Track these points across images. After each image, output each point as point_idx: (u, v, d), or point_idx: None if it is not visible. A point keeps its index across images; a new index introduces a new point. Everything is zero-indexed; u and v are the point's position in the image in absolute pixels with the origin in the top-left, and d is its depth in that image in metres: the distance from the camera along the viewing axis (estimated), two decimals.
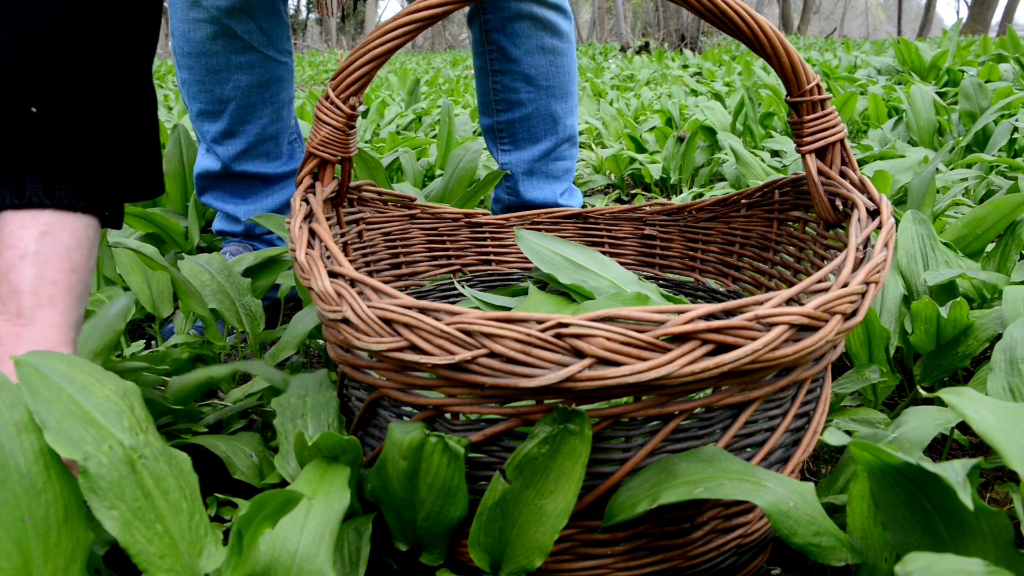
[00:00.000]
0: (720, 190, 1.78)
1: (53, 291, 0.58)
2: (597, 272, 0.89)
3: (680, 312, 0.46)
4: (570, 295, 0.89)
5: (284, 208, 1.34)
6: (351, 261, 0.89)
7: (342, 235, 0.87)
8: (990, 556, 0.42)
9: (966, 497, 0.39)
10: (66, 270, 0.59)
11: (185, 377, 0.73)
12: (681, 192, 2.04)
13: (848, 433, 0.66)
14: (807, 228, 0.80)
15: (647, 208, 1.00)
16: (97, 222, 0.63)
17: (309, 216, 0.66)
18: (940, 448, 0.82)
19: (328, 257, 0.60)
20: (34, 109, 0.58)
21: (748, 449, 0.55)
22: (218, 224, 1.35)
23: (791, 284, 0.82)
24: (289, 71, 1.29)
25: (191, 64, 1.20)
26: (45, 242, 0.58)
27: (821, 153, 0.70)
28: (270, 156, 1.30)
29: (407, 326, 0.48)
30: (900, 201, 1.40)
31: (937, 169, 1.58)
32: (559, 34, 1.32)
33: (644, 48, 10.52)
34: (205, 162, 1.30)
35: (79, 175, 0.61)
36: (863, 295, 0.52)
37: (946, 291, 0.92)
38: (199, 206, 1.41)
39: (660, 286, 0.99)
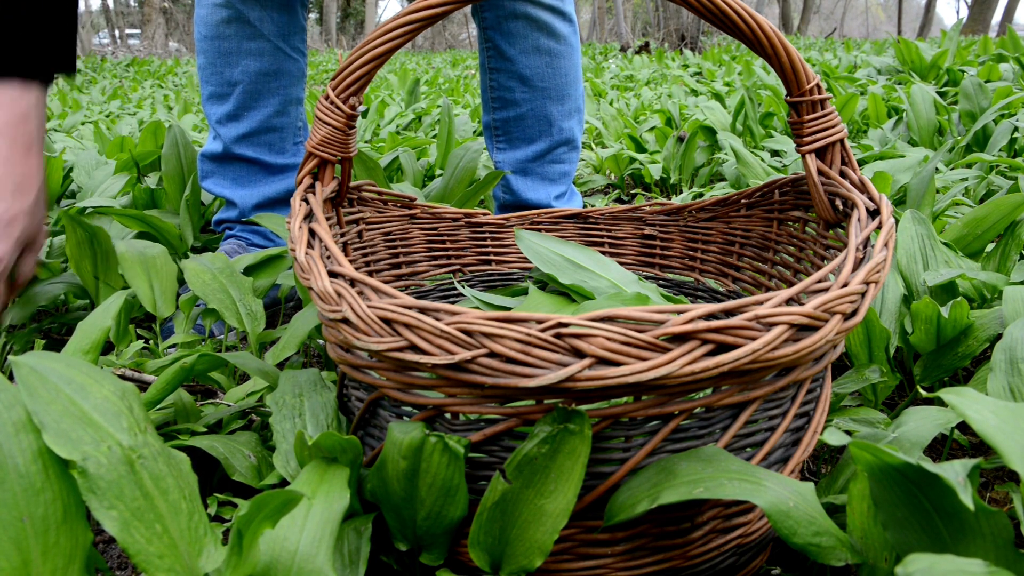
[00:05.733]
0: (720, 190, 1.78)
1: (42, 138, 0.90)
2: (597, 272, 0.89)
3: (680, 312, 0.46)
4: (570, 295, 0.89)
5: (284, 196, 1.35)
6: (351, 261, 0.89)
7: (342, 235, 0.87)
8: (990, 556, 0.42)
9: (966, 497, 0.39)
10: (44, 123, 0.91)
11: (165, 372, 0.73)
12: (681, 192, 2.04)
13: (848, 433, 0.66)
14: (807, 228, 0.80)
15: (647, 208, 1.00)
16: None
17: (309, 216, 0.66)
18: (940, 448, 0.82)
19: (328, 257, 0.60)
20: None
21: (748, 449, 0.55)
22: (218, 215, 1.37)
23: (791, 284, 0.82)
24: (300, 70, 1.33)
25: (206, 48, 1.28)
26: (38, 106, 0.89)
27: (821, 153, 0.70)
28: (272, 148, 1.32)
29: (407, 326, 0.48)
30: (900, 201, 1.40)
31: (937, 169, 1.58)
32: (556, 36, 1.32)
33: (644, 48, 10.52)
34: (209, 146, 1.34)
35: (47, 56, 0.90)
36: (863, 295, 0.52)
37: (946, 291, 0.92)
38: (194, 207, 1.42)
39: (660, 286, 0.99)
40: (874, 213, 0.62)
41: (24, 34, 0.86)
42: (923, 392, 0.77)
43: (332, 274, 0.57)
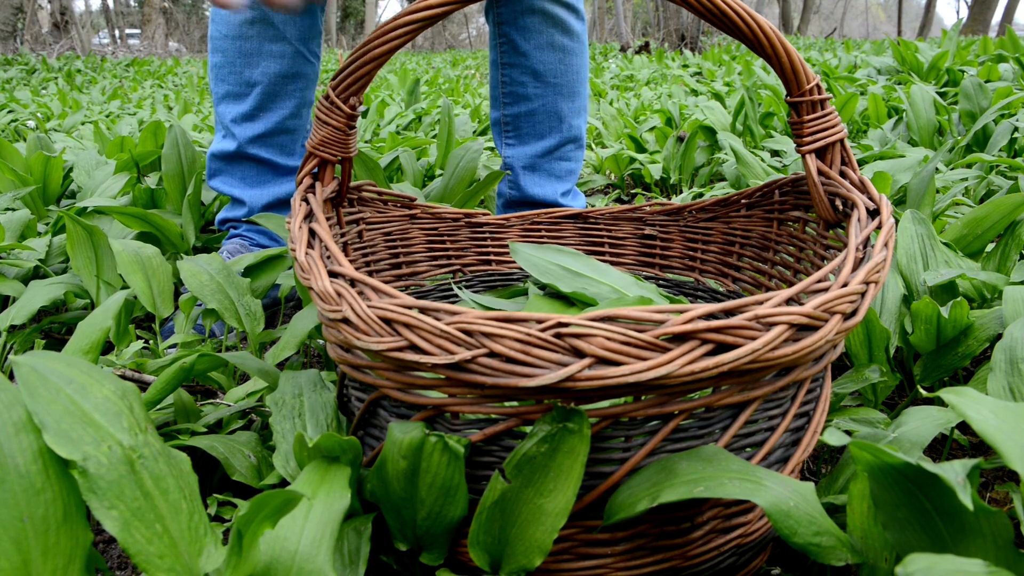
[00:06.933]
0: (720, 190, 1.78)
1: None
2: (595, 279, 0.88)
3: (680, 312, 0.46)
4: (571, 300, 0.88)
5: (290, 198, 1.35)
6: (351, 261, 0.89)
7: (342, 235, 0.87)
8: (990, 556, 0.42)
9: (966, 497, 0.39)
10: None
11: (165, 372, 0.73)
12: (681, 192, 2.04)
13: (848, 433, 0.66)
14: (807, 228, 0.80)
15: (647, 208, 1.00)
16: None
17: (309, 216, 0.66)
18: (940, 448, 0.82)
19: (328, 257, 0.60)
20: None
21: (748, 449, 0.55)
22: (222, 214, 1.37)
23: (791, 284, 0.82)
24: (315, 73, 1.33)
25: (226, 47, 1.27)
26: None
27: (821, 153, 0.70)
28: (284, 149, 1.32)
29: (407, 326, 0.48)
30: (900, 201, 1.40)
31: (937, 169, 1.58)
32: (570, 33, 1.33)
33: (644, 48, 10.52)
34: (220, 145, 1.33)
35: None
36: (863, 295, 0.52)
37: (946, 291, 0.92)
38: (195, 207, 1.42)
39: (660, 286, 0.99)
40: (874, 213, 0.62)
41: None
42: (923, 392, 0.77)
43: (332, 274, 0.57)
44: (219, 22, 1.27)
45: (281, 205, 1.35)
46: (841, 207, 0.69)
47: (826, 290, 0.51)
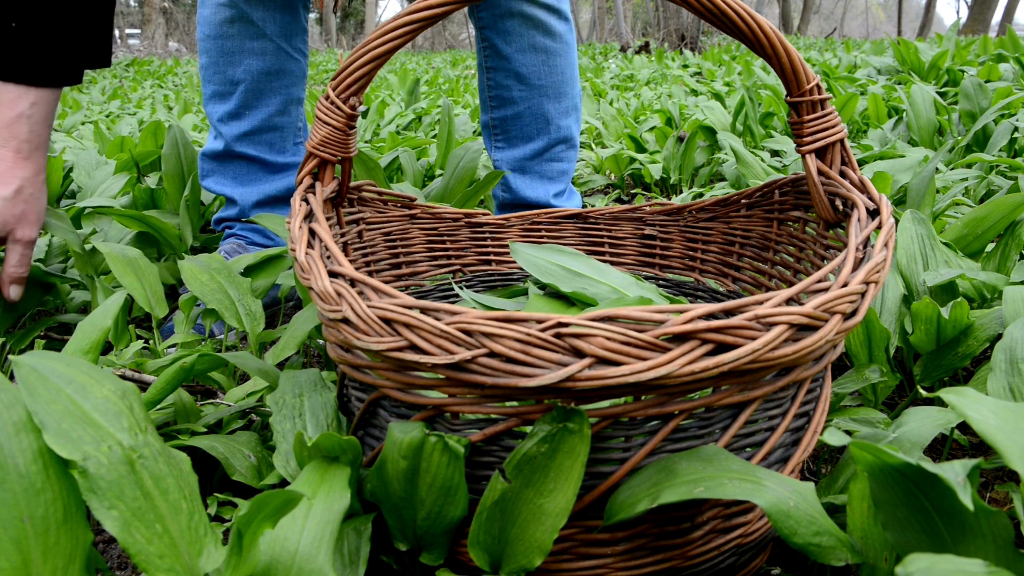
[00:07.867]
0: (720, 190, 1.78)
1: (40, 141, 0.95)
2: (595, 279, 0.88)
3: (680, 312, 0.46)
4: (571, 300, 0.88)
5: (283, 195, 1.36)
6: (351, 261, 0.89)
7: (342, 235, 0.87)
8: (990, 556, 0.42)
9: (966, 497, 0.39)
10: (48, 127, 0.96)
11: (165, 372, 0.73)
12: (681, 192, 2.04)
13: (848, 433, 0.66)
14: (807, 228, 0.80)
15: (647, 208, 1.00)
16: (59, 92, 0.96)
17: (309, 216, 0.66)
18: (940, 448, 0.82)
19: (328, 257, 0.60)
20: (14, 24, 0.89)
21: (748, 449, 0.55)
22: (219, 214, 1.38)
23: (791, 284, 0.82)
24: (301, 70, 1.34)
25: (209, 47, 1.29)
26: (35, 109, 0.93)
27: (821, 153, 0.70)
28: (273, 146, 1.33)
29: (407, 326, 0.48)
30: (900, 201, 1.40)
31: (937, 169, 1.58)
32: (552, 34, 1.32)
33: (644, 48, 10.52)
34: (211, 145, 1.35)
35: (57, 67, 0.94)
36: (863, 295, 0.52)
37: (946, 291, 0.92)
38: (193, 207, 1.42)
39: (660, 286, 0.99)
40: (874, 213, 0.62)
41: (27, 41, 0.91)
42: (923, 392, 0.77)
43: (332, 274, 0.57)
44: (203, 24, 1.29)
45: (273, 202, 1.35)
46: (841, 207, 0.69)
47: (826, 290, 0.51)
